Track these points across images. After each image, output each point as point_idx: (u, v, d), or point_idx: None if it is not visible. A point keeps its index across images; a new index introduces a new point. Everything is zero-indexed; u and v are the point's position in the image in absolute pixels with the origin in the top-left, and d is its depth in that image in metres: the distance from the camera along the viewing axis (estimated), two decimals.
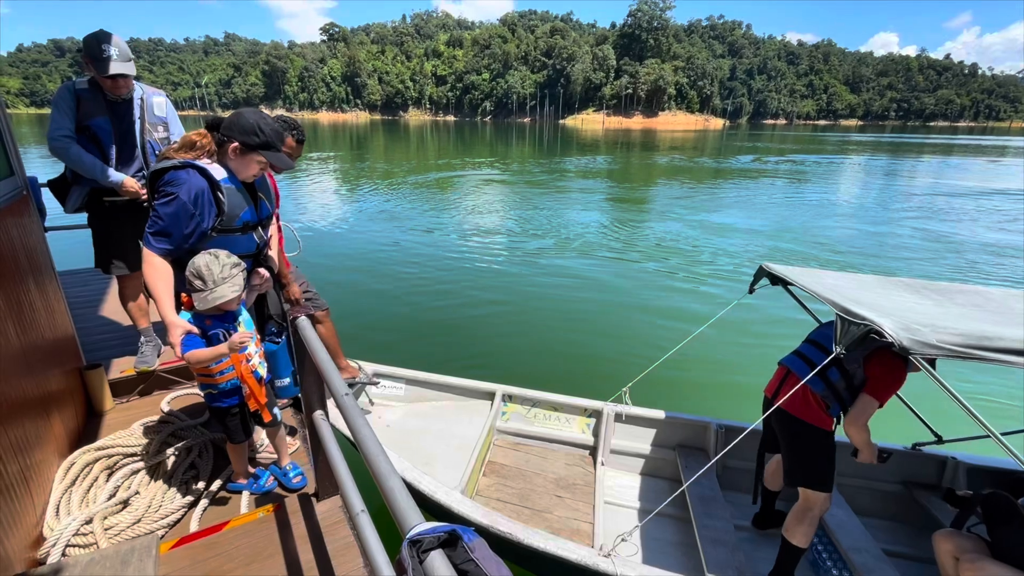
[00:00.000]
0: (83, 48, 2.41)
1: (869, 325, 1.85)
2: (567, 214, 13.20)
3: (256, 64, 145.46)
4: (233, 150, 1.85)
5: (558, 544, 2.23)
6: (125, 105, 2.59)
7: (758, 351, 5.79)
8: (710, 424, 3.20)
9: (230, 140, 1.83)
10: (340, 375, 1.42)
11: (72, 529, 1.85)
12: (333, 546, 1.87)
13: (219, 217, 1.85)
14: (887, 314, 1.89)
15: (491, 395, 3.47)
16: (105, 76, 2.39)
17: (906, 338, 1.75)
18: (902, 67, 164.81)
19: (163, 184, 1.76)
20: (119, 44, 2.41)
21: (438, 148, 38.89)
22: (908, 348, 1.75)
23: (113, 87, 2.48)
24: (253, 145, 1.84)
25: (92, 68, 2.39)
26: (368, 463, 1.05)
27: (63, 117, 2.44)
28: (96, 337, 3.36)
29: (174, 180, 1.75)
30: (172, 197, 1.73)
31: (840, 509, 2.76)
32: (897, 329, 1.78)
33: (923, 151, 43.95)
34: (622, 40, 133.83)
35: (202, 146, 1.85)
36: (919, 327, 1.79)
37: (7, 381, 1.80)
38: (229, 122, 1.85)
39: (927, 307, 2.22)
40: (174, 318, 1.74)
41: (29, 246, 2.28)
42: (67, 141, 2.45)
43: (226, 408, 1.95)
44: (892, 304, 2.19)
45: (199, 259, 1.74)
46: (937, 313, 2.10)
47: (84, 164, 2.49)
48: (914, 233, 11.86)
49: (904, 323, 1.82)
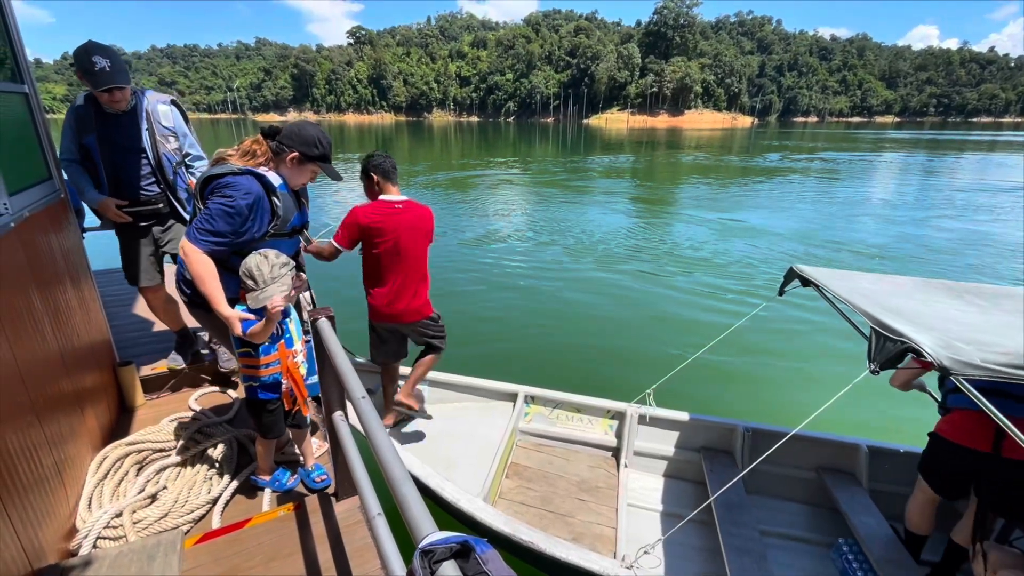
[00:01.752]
0: (74, 62, 2.32)
1: (907, 343, 1.71)
2: (590, 215, 13.09)
3: (285, 68, 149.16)
4: (291, 159, 1.93)
5: (580, 555, 2.21)
6: (128, 117, 2.50)
7: (787, 354, 5.63)
8: (737, 427, 3.12)
9: (290, 150, 1.91)
10: (359, 378, 1.42)
11: (103, 522, 1.91)
12: (351, 546, 1.88)
13: (273, 222, 1.93)
14: (927, 329, 1.76)
15: (513, 396, 3.46)
16: (100, 90, 2.33)
17: (946, 357, 1.62)
18: (942, 61, 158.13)
19: (220, 187, 1.82)
20: (111, 54, 2.33)
21: (462, 149, 39.14)
22: (949, 368, 1.61)
23: (110, 100, 2.40)
24: (312, 156, 1.93)
25: (86, 82, 2.33)
26: (383, 469, 1.05)
27: (65, 139, 2.46)
28: (128, 335, 3.48)
29: (233, 184, 1.81)
30: (229, 199, 1.79)
31: (871, 517, 2.66)
32: (937, 347, 1.64)
33: (965, 148, 42.12)
34: (647, 38, 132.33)
35: (262, 153, 1.93)
36: (961, 345, 1.66)
37: (44, 378, 1.87)
38: (290, 132, 1.92)
39: (971, 316, 2.07)
40: (229, 312, 1.80)
41: (66, 248, 2.36)
42: (64, 163, 2.47)
43: (265, 401, 1.98)
44: (933, 313, 2.05)
45: (251, 260, 1.81)
46: (983, 324, 1.96)
47: (73, 185, 2.50)
48: (954, 233, 11.36)
49: (945, 340, 1.68)
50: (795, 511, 3.03)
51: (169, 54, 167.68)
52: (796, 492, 3.08)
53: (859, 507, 2.72)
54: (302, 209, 2.14)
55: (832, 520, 2.92)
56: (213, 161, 1.94)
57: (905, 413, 4.36)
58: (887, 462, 2.95)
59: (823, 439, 3.01)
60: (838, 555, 2.66)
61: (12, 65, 2.11)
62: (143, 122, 2.54)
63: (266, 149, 1.93)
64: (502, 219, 12.53)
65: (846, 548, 2.63)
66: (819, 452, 3.03)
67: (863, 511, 2.69)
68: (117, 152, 2.53)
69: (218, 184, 1.82)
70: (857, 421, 4.27)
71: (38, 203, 2.08)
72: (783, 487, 3.08)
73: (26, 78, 2.17)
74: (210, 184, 1.84)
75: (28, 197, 2.01)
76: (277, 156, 1.93)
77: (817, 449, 3.02)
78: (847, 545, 2.64)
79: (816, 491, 3.03)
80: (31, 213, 1.97)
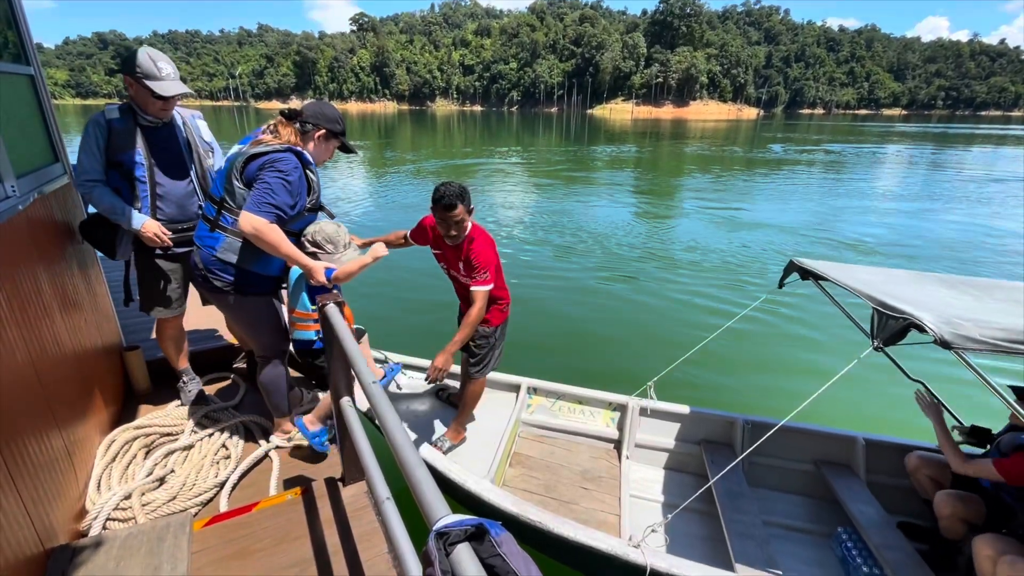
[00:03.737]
0: (131, 66, 2.08)
1: (909, 319, 1.79)
2: (592, 206, 13.04)
3: (288, 55, 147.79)
4: (319, 136, 2.04)
5: (588, 534, 2.24)
6: (166, 130, 2.29)
7: (786, 347, 5.64)
8: (737, 420, 3.15)
9: (317, 127, 2.02)
10: (368, 363, 1.42)
11: (112, 503, 1.93)
12: (359, 530, 1.89)
13: (311, 197, 2.04)
14: (927, 308, 1.84)
15: (516, 388, 3.47)
16: (161, 97, 2.12)
17: (947, 332, 1.70)
18: (952, 53, 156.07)
19: (270, 162, 1.89)
20: (169, 59, 2.17)
21: (464, 138, 38.90)
22: (949, 342, 1.69)
23: (163, 109, 2.20)
24: (336, 132, 2.07)
25: (141, 88, 2.10)
26: (395, 453, 1.05)
27: (89, 157, 2.14)
28: (135, 320, 3.48)
29: (283, 159, 1.90)
30: (283, 173, 1.89)
31: (871, 507, 2.70)
32: (938, 323, 1.73)
33: (973, 141, 41.74)
34: (653, 27, 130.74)
35: (288, 134, 1.99)
36: (961, 321, 1.74)
37: (53, 361, 1.87)
38: (315, 111, 2.04)
39: (966, 302, 2.14)
40: (313, 263, 2.00)
41: (73, 231, 2.36)
42: (90, 185, 2.16)
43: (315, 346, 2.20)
44: (931, 299, 2.13)
45: (327, 226, 2.09)
46: (977, 308, 2.03)
47: (105, 208, 2.19)
48: (958, 227, 11.30)
49: (946, 316, 1.76)
50: (795, 503, 3.07)
51: (171, 40, 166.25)
52: (795, 484, 3.12)
53: (857, 497, 2.76)
54: None
55: (831, 511, 2.96)
56: (253, 144, 1.98)
57: (900, 408, 4.37)
58: (883, 454, 2.99)
59: (821, 432, 3.06)
60: (838, 543, 2.70)
61: (17, 46, 2.10)
62: (182, 135, 2.35)
63: (292, 129, 2.00)
64: (504, 209, 12.48)
65: (845, 536, 2.68)
66: (817, 445, 3.07)
67: (862, 501, 2.73)
68: (161, 169, 2.28)
69: (268, 160, 1.89)
70: (854, 415, 4.30)
71: (45, 186, 2.08)
72: (783, 480, 3.13)
73: (32, 60, 2.16)
74: (253, 162, 1.91)
75: (35, 180, 2.01)
76: (304, 135, 2.02)
77: (815, 442, 3.07)
78: (846, 533, 2.68)
79: (815, 483, 3.07)
80: (39, 196, 1.96)
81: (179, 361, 2.67)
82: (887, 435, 3.07)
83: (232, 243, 2.00)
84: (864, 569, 2.47)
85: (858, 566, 2.51)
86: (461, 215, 2.40)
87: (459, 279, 2.72)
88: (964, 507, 2.36)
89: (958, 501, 2.37)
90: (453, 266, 2.69)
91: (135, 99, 2.17)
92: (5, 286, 1.58)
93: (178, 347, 2.64)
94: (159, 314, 2.49)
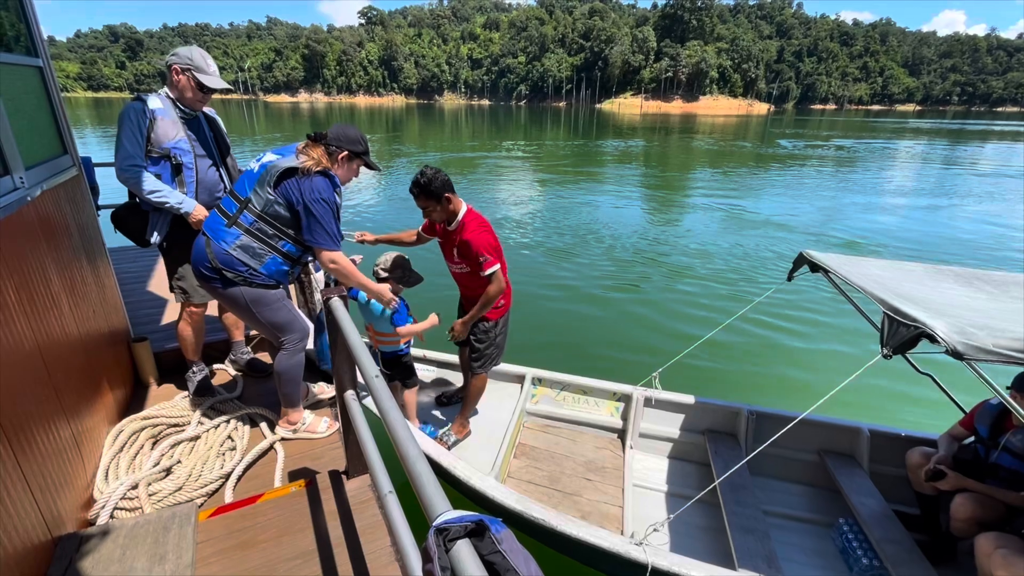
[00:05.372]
0: (183, 60, 2.25)
1: (921, 328, 1.75)
2: (599, 199, 12.98)
3: (296, 48, 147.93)
4: (343, 158, 2.12)
5: (591, 532, 2.24)
6: (196, 122, 2.43)
7: (793, 339, 5.61)
8: (741, 409, 3.15)
9: (340, 149, 2.10)
10: (371, 357, 1.42)
11: (120, 493, 1.95)
12: (362, 523, 1.90)
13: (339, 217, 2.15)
14: (940, 314, 1.79)
15: (521, 378, 3.48)
16: (209, 90, 2.31)
17: (960, 342, 1.66)
18: (968, 47, 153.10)
19: (311, 190, 1.98)
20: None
21: (472, 132, 38.81)
22: (963, 354, 1.66)
23: (200, 101, 2.36)
24: (358, 152, 2.15)
25: (190, 82, 2.26)
26: (397, 447, 1.05)
27: (133, 144, 2.21)
28: (143, 312, 3.52)
29: (322, 189, 2.00)
30: (327, 203, 2.01)
31: (872, 498, 2.69)
32: (951, 333, 1.69)
33: (989, 137, 41.05)
34: (663, 21, 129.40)
35: (317, 156, 2.03)
36: (974, 330, 1.70)
37: (62, 352, 1.89)
38: (337, 133, 2.11)
39: (981, 302, 2.10)
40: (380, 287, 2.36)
41: (81, 223, 2.38)
42: (136, 171, 2.23)
43: (407, 354, 2.80)
44: (944, 299, 2.08)
45: (394, 256, 2.62)
46: (993, 310, 1.99)
47: (151, 191, 2.27)
48: (971, 223, 11.13)
49: (958, 325, 1.72)
50: (797, 492, 3.08)
51: (181, 33, 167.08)
52: (798, 473, 3.13)
53: (860, 488, 2.76)
54: None
55: (833, 501, 2.97)
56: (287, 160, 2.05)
57: (906, 400, 4.35)
58: (888, 445, 2.98)
59: (826, 422, 3.05)
60: (838, 534, 2.71)
61: (27, 38, 2.10)
62: (206, 126, 2.50)
63: (321, 151, 2.06)
64: (511, 202, 12.45)
65: (846, 527, 2.68)
66: (821, 435, 3.07)
67: (863, 492, 2.73)
68: (200, 157, 2.43)
69: (309, 186, 1.98)
70: (859, 404, 4.28)
71: (53, 178, 2.09)
72: (786, 469, 3.13)
73: (40, 52, 2.17)
74: (289, 178, 1.98)
75: (44, 171, 2.02)
76: (330, 156, 2.08)
77: (819, 432, 3.06)
78: (847, 524, 2.69)
79: (818, 472, 3.07)
80: (47, 188, 1.98)
81: (193, 352, 2.68)
82: (892, 426, 3.06)
83: (246, 242, 2.04)
84: (864, 561, 2.48)
85: (858, 558, 2.51)
86: (426, 204, 2.50)
87: (454, 270, 2.77)
88: (983, 510, 2.32)
89: (978, 505, 2.31)
90: (449, 256, 2.73)
91: (178, 89, 2.31)
92: (14, 277, 1.59)
93: (198, 338, 2.67)
94: (200, 297, 2.53)
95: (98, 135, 26.96)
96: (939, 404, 3.07)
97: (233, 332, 2.97)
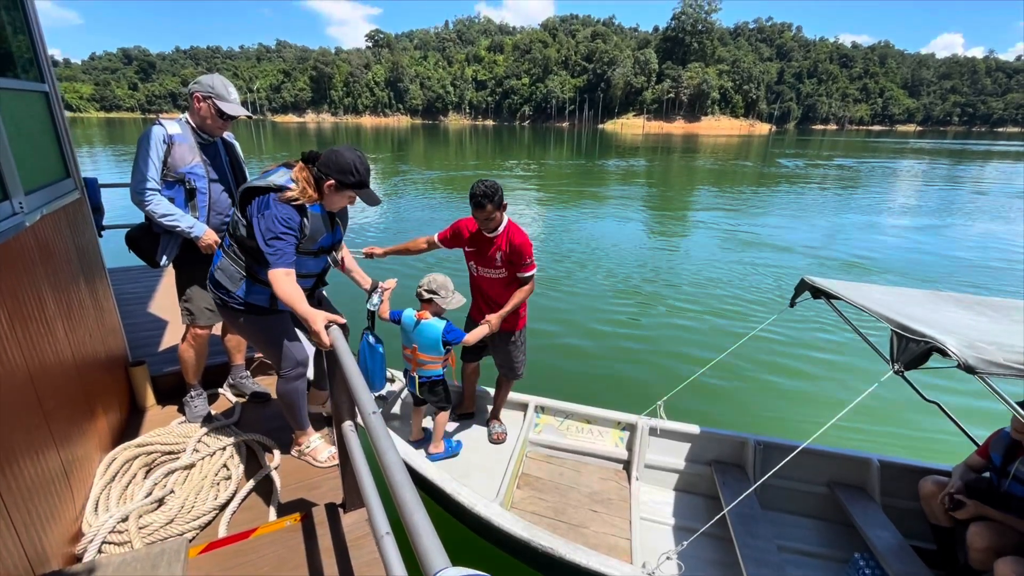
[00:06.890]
0: (204, 88, 2.30)
1: (932, 343, 1.75)
2: (601, 223, 12.95)
3: (304, 70, 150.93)
4: (328, 186, 1.94)
5: (601, 561, 2.16)
6: (213, 147, 2.47)
7: (798, 367, 5.50)
8: (748, 440, 3.06)
9: (327, 177, 1.93)
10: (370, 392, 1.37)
11: (108, 527, 1.88)
12: (358, 560, 1.82)
13: (299, 241, 1.97)
14: (949, 331, 1.79)
15: (524, 406, 3.41)
16: (228, 117, 2.34)
17: (971, 356, 1.66)
18: (967, 69, 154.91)
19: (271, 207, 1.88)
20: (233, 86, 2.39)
21: (476, 152, 39.21)
22: (974, 367, 1.65)
23: (219, 128, 2.40)
24: (348, 184, 1.94)
25: (211, 108, 2.30)
26: (394, 493, 0.99)
27: (149, 167, 2.25)
28: (143, 333, 3.48)
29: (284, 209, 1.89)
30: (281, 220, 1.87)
31: (887, 532, 2.59)
32: (961, 347, 1.69)
33: (991, 157, 41.18)
34: (665, 43, 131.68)
35: (303, 179, 1.93)
36: (984, 345, 1.70)
37: (54, 378, 1.85)
38: (327, 160, 1.93)
39: (984, 324, 2.08)
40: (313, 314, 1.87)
41: (81, 247, 2.35)
42: (150, 193, 2.27)
43: (442, 377, 2.78)
44: (948, 320, 2.08)
45: (438, 276, 2.60)
46: (998, 331, 1.97)
47: (165, 214, 2.30)
48: (971, 244, 11.06)
49: (968, 340, 1.72)
50: (809, 526, 2.98)
51: (192, 55, 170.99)
52: (809, 507, 3.03)
53: (873, 521, 2.66)
54: (335, 229, 2.16)
55: (846, 535, 2.87)
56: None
57: (916, 428, 4.25)
58: (898, 476, 2.89)
59: (834, 453, 2.97)
60: (855, 569, 2.59)
61: (34, 64, 2.11)
62: (223, 151, 2.52)
63: (307, 175, 1.94)
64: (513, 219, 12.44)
65: (862, 563, 2.57)
66: (831, 466, 2.98)
67: (877, 525, 2.64)
68: (214, 182, 2.45)
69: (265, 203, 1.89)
70: (868, 435, 4.19)
71: (54, 202, 2.08)
72: (796, 502, 3.03)
73: (46, 77, 2.17)
74: (255, 197, 1.92)
75: (45, 196, 2.01)
76: (317, 182, 1.95)
77: (829, 463, 2.98)
78: (863, 560, 2.58)
79: (829, 506, 2.98)
80: (47, 212, 1.96)
81: (194, 375, 2.68)
82: (902, 457, 2.98)
83: (225, 264, 2.06)
84: None
85: None
86: (491, 212, 2.61)
87: (488, 276, 2.86)
88: (1000, 539, 2.23)
89: (995, 534, 2.24)
90: (489, 263, 2.80)
91: (199, 116, 2.34)
92: (7, 303, 1.56)
93: (200, 361, 2.68)
94: (205, 320, 2.54)
95: (109, 155, 27.37)
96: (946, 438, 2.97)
97: (234, 355, 2.92)
